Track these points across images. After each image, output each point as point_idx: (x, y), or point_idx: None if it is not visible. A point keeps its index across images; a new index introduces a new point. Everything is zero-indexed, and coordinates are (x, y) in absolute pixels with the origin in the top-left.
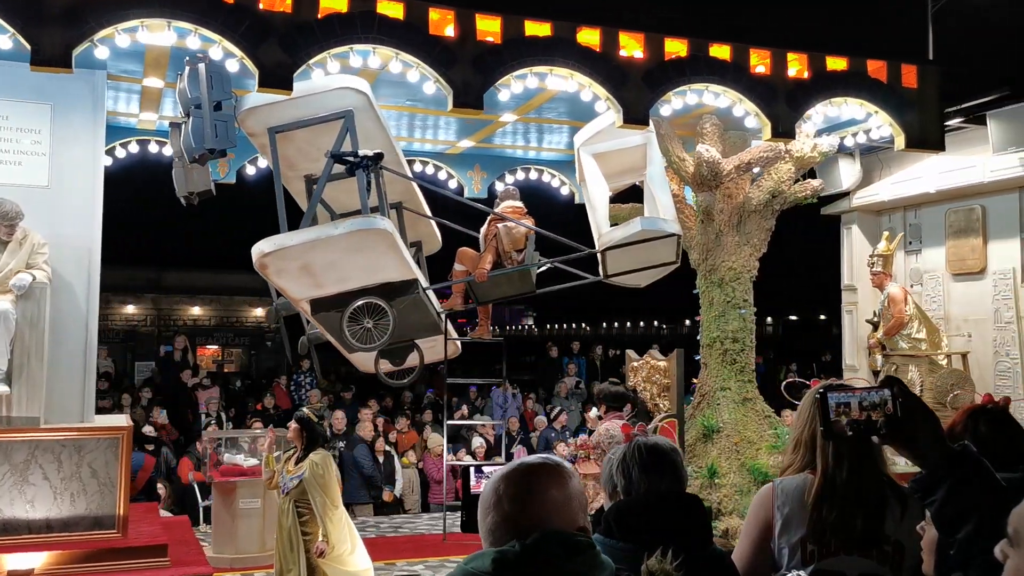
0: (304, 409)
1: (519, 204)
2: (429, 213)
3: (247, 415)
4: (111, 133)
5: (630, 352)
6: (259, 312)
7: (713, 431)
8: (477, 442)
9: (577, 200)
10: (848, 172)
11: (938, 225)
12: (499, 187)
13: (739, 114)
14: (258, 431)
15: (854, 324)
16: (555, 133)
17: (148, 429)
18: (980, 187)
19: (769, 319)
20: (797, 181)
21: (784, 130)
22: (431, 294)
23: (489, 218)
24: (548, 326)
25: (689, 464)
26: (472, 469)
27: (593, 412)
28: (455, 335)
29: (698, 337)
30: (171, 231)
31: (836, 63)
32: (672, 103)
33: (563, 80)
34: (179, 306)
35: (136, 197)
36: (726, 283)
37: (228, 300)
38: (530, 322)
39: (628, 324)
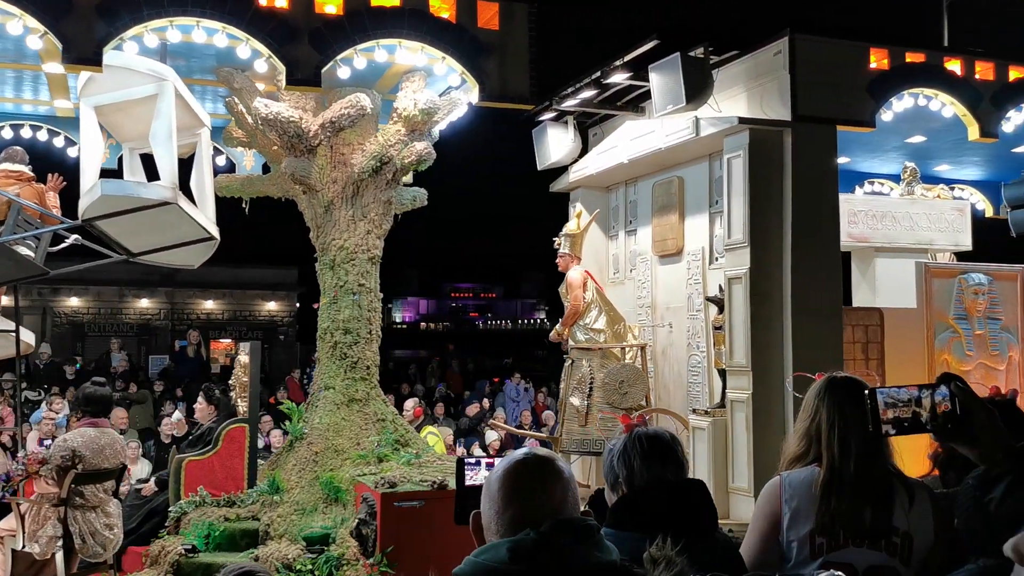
0: None
1: (16, 167)
2: None
3: (260, 408)
4: None
5: (243, 345)
6: (272, 306)
7: (296, 438)
8: (491, 436)
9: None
10: (559, 142)
11: (648, 201)
12: None
13: (245, 56)
14: None
15: None
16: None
17: (166, 422)
18: (662, 155)
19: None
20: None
21: (304, 77)
22: None
23: None
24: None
25: (270, 477)
26: (468, 461)
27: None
28: (10, 327)
29: None
30: None
31: None
32: (147, 40)
33: None
34: (193, 300)
35: None
36: (338, 265)
37: (241, 294)
38: (542, 315)
39: None
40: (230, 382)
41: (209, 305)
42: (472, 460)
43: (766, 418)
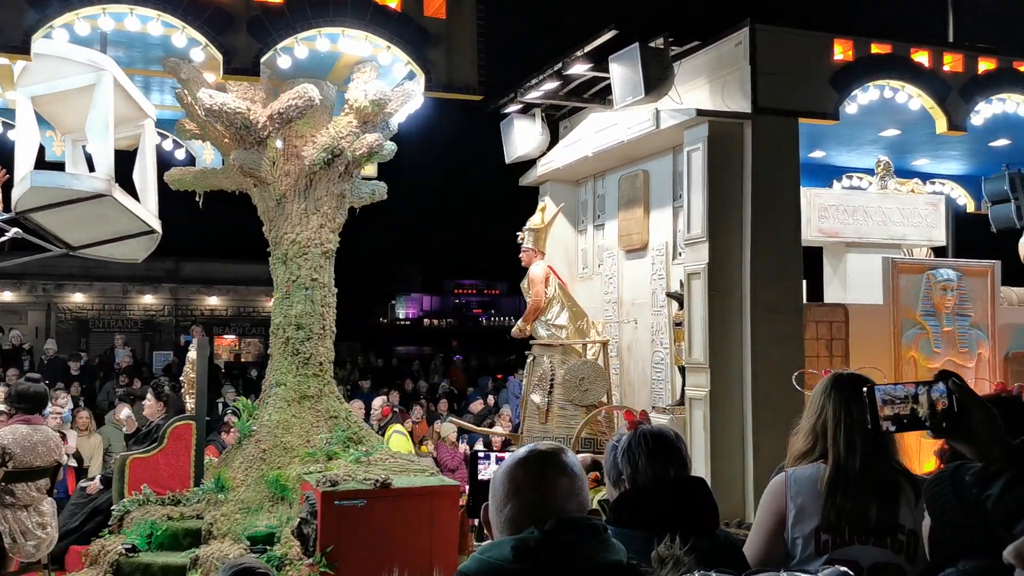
0: None
1: None
2: None
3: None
4: None
5: (194, 341)
6: None
7: (244, 435)
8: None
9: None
10: (526, 135)
11: (616, 195)
12: None
13: (181, 44)
14: None
15: None
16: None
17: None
18: (627, 148)
19: None
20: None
21: (241, 65)
22: None
23: None
24: None
25: (216, 475)
26: (479, 455)
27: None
28: None
29: None
30: (189, 221)
31: None
32: (78, 28)
33: None
34: (196, 296)
35: None
36: (291, 259)
37: (245, 290)
38: None
39: None
40: (180, 379)
41: (213, 301)
42: (483, 454)
43: (724, 416)
